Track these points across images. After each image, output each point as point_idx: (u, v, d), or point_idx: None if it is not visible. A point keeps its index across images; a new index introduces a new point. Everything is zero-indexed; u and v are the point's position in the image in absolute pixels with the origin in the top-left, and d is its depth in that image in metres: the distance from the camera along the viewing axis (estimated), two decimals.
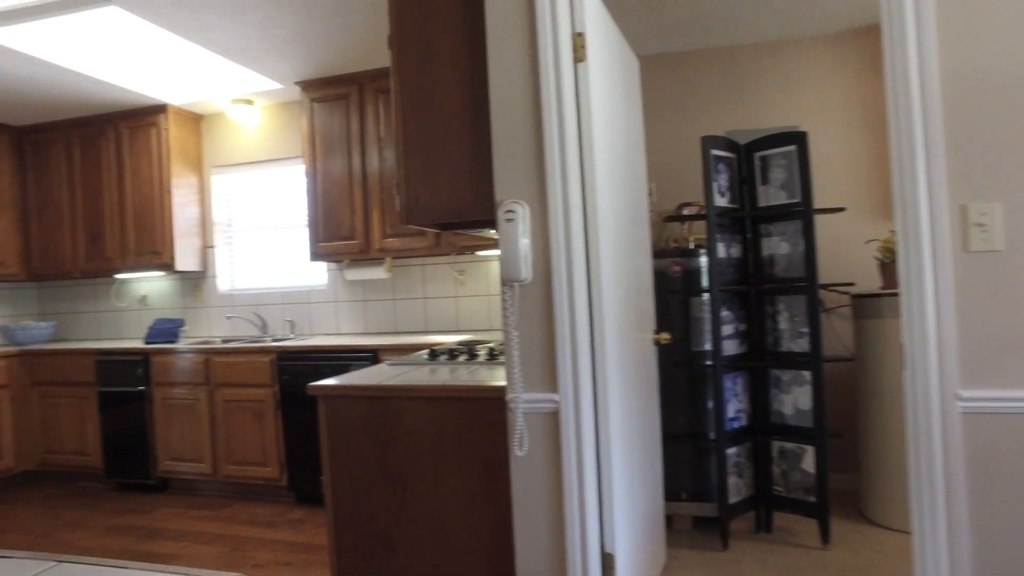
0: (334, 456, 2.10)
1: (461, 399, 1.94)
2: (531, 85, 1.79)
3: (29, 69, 3.69)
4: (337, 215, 4.00)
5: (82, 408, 4.31)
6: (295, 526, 3.43)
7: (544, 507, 1.80)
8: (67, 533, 3.50)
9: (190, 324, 4.81)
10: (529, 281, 1.79)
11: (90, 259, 4.65)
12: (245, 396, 3.88)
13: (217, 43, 3.41)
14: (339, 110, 3.98)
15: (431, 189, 1.95)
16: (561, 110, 1.76)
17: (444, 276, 4.18)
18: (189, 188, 4.59)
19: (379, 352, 3.60)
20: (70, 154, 4.70)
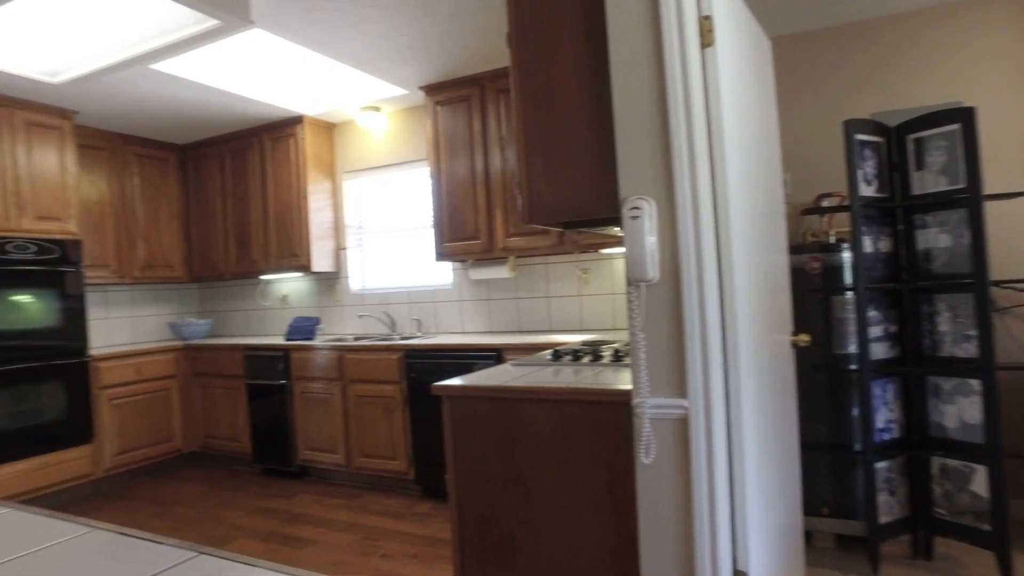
0: (458, 456, 2.12)
1: (585, 402, 1.89)
2: (655, 75, 1.70)
3: (190, 93, 4.06)
4: (461, 215, 4.07)
5: (234, 398, 4.70)
6: (421, 519, 3.53)
7: (672, 518, 1.71)
8: (223, 511, 3.82)
9: (325, 322, 5.10)
10: (656, 281, 1.70)
11: (239, 262, 5.06)
12: (375, 392, 4.05)
13: (346, 55, 3.58)
14: (461, 112, 4.05)
15: (553, 187, 1.91)
16: (688, 100, 1.66)
17: (568, 275, 4.14)
18: (323, 193, 4.87)
19: (503, 351, 3.62)
20: (223, 167, 5.13)
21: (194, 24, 2.95)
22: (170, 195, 5.26)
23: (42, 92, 3.97)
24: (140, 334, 5.32)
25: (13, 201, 4.02)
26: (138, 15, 2.94)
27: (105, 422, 4.37)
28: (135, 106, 4.29)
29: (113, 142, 4.87)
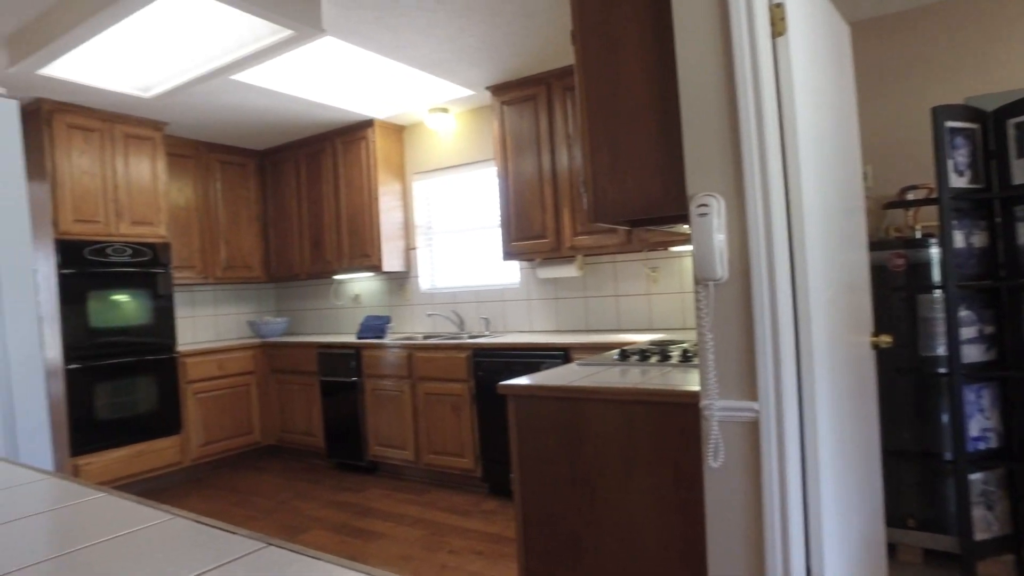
0: (523, 455, 2.13)
1: (652, 403, 1.85)
2: (723, 67, 1.65)
3: (267, 101, 4.24)
4: (528, 214, 4.08)
5: (308, 394, 4.87)
6: (487, 517, 3.56)
7: (741, 524, 1.65)
8: (299, 502, 3.97)
9: (396, 321, 5.22)
10: (725, 280, 1.65)
11: (313, 262, 5.24)
12: (444, 390, 4.11)
13: (414, 58, 3.64)
14: (528, 111, 4.05)
15: (618, 185, 1.88)
16: (758, 92, 1.60)
17: (636, 273, 4.08)
18: (393, 195, 4.98)
19: (570, 350, 3.60)
20: (298, 171, 5.33)
21: (270, 35, 3.07)
22: (249, 199, 5.50)
23: (137, 106, 4.23)
24: (222, 332, 5.59)
25: (112, 208, 4.30)
26: (219, 30, 3.09)
27: (191, 415, 4.61)
28: (218, 115, 4.51)
29: (198, 150, 5.14)
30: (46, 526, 0.91)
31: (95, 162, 4.24)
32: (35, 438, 1.82)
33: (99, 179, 4.25)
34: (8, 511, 0.98)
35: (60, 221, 4.06)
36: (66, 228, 4.08)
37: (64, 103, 4.11)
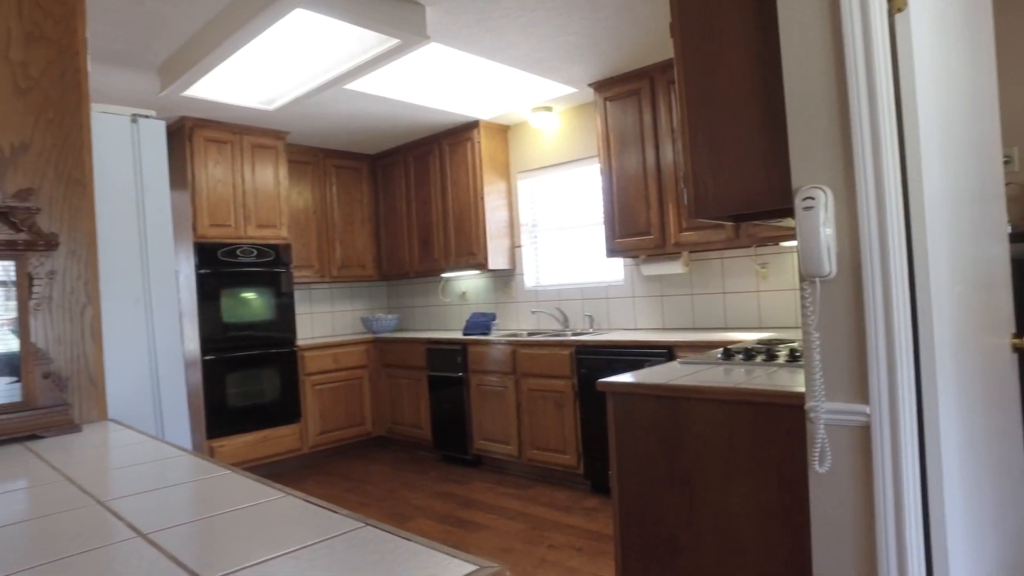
0: (621, 453, 2.11)
1: (753, 403, 1.79)
2: (832, 50, 1.56)
3: (378, 107, 4.45)
4: (632, 211, 4.03)
5: (417, 388, 5.06)
6: (589, 514, 3.55)
7: (851, 536, 1.56)
8: (406, 492, 4.15)
9: (501, 318, 5.31)
10: (833, 276, 1.57)
11: (422, 261, 5.44)
12: (547, 386, 4.14)
13: (515, 58, 3.69)
14: (631, 106, 4.00)
15: (720, 180, 1.83)
16: (871, 75, 1.50)
17: (745, 270, 3.93)
18: (498, 193, 5.07)
19: (674, 348, 3.53)
20: (407, 173, 5.55)
21: (378, 45, 3.23)
22: (362, 201, 5.79)
23: (262, 118, 4.57)
24: (337, 327, 5.93)
25: (241, 213, 4.67)
26: (332, 44, 3.27)
27: (309, 405, 4.93)
28: (333, 123, 4.79)
29: (316, 156, 5.48)
30: (185, 494, 1.02)
31: (227, 171, 4.62)
32: (177, 420, 2.03)
33: (230, 186, 4.63)
34: (157, 480, 1.11)
35: (198, 226, 4.46)
36: (203, 232, 4.48)
37: (202, 119, 4.51)
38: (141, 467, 1.21)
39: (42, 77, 1.78)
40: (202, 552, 0.77)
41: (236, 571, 0.71)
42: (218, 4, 2.94)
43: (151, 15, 3.00)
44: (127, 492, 1.04)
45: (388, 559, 0.73)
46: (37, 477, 1.18)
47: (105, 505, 0.98)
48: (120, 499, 1.01)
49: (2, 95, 1.71)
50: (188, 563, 0.74)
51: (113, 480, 1.13)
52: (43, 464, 1.28)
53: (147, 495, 1.02)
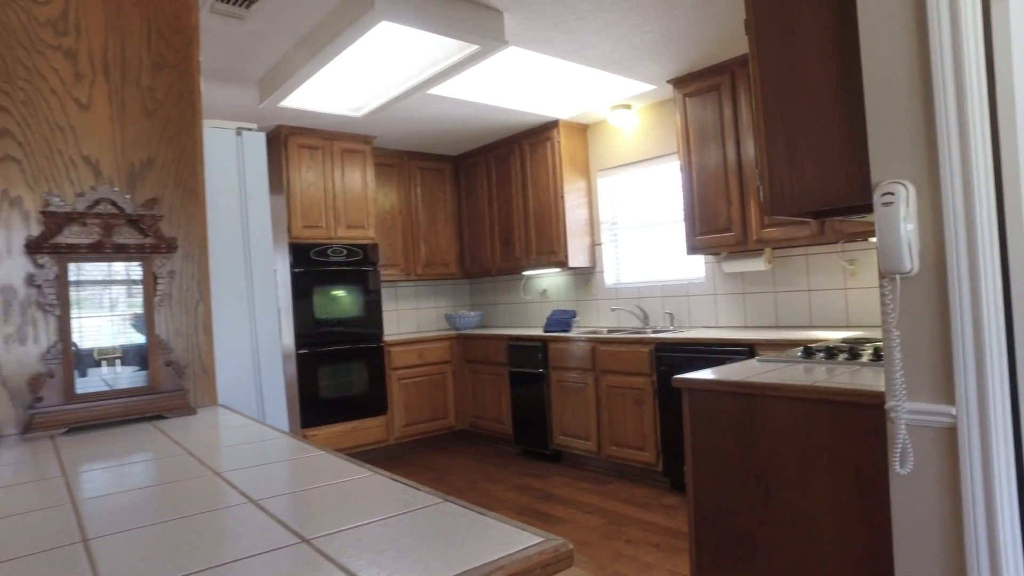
0: (696, 449, 2.13)
1: (831, 402, 1.77)
2: (915, 39, 1.52)
3: (460, 110, 4.59)
4: (713, 207, 3.98)
5: (498, 384, 5.18)
6: (667, 511, 3.55)
7: (936, 540, 1.52)
8: (487, 484, 4.27)
9: (581, 315, 5.36)
10: (915, 273, 1.53)
11: (503, 259, 5.55)
12: (626, 383, 4.16)
13: (593, 59, 3.73)
14: (711, 101, 3.95)
15: (796, 176, 1.81)
16: (959, 65, 1.46)
17: (831, 266, 3.81)
18: (578, 192, 5.11)
19: (755, 347, 3.47)
20: (488, 173, 5.68)
21: (458, 52, 3.34)
22: (445, 201, 5.98)
23: (350, 124, 4.81)
24: (422, 324, 6.15)
25: (331, 214, 4.94)
26: (415, 53, 3.42)
27: (395, 398, 5.15)
28: (417, 126, 4.97)
29: (401, 158, 5.70)
30: (286, 470, 1.14)
31: (318, 175, 4.90)
32: (276, 407, 2.21)
33: (321, 189, 4.90)
34: (262, 457, 1.24)
35: (293, 227, 4.75)
36: (297, 233, 4.76)
37: (296, 127, 4.80)
38: (248, 446, 1.35)
39: (165, 99, 1.99)
40: (303, 517, 0.88)
41: (333, 533, 0.81)
42: (310, 21, 3.14)
43: (251, 35, 3.24)
44: (237, 466, 1.18)
45: (463, 529, 0.81)
46: (164, 451, 1.35)
47: (220, 475, 1.12)
48: (232, 471, 1.14)
49: (134, 117, 1.93)
50: (292, 525, 0.85)
51: (225, 455, 1.28)
52: (168, 440, 1.46)
53: (254, 469, 1.15)
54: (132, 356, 1.78)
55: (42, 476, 1.19)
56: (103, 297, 1.76)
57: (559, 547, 0.75)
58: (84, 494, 1.05)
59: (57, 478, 1.17)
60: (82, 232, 1.71)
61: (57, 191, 1.72)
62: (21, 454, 1.39)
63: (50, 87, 1.74)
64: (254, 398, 2.15)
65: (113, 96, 1.89)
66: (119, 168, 1.88)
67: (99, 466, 1.25)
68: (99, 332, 1.74)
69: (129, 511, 0.94)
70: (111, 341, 1.75)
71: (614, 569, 2.84)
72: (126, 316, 1.80)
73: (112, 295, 1.77)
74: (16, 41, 1.70)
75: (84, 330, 1.71)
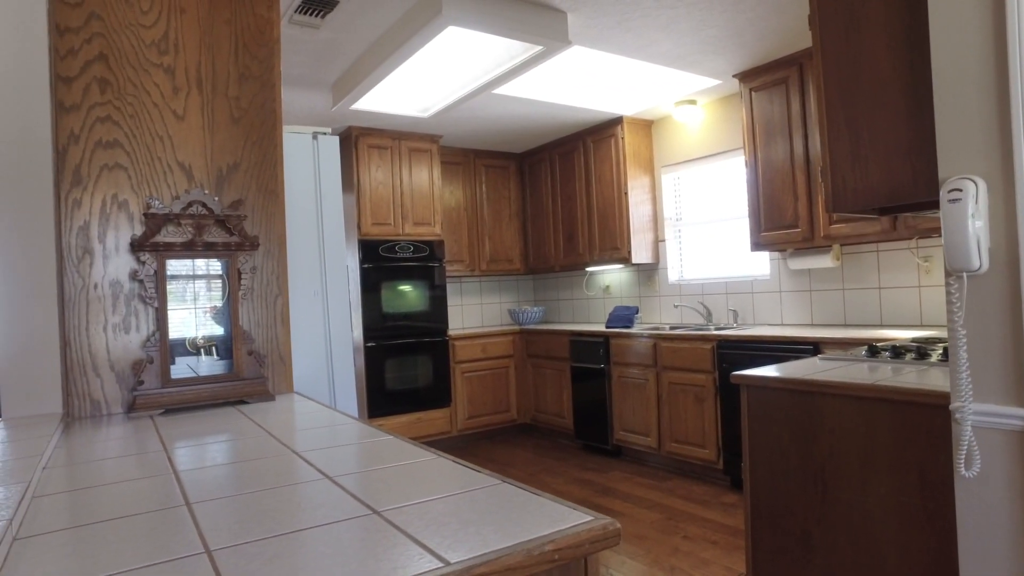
0: (754, 445, 2.13)
1: (893, 402, 1.74)
2: (990, 30, 1.49)
3: (524, 109, 4.66)
4: (779, 203, 3.91)
5: (559, 379, 5.24)
6: (727, 509, 3.53)
7: (1003, 546, 1.49)
8: (546, 477, 4.34)
9: (643, 311, 5.35)
10: (984, 271, 1.50)
11: (566, 255, 5.60)
12: (688, 380, 4.14)
13: (657, 55, 3.72)
14: (778, 95, 3.88)
15: (860, 172, 1.79)
16: None
17: (904, 263, 3.68)
18: (642, 188, 5.10)
19: (820, 345, 3.40)
20: (552, 170, 5.73)
21: (523, 52, 3.41)
22: (509, 198, 6.06)
23: (418, 124, 4.96)
24: (486, 319, 6.26)
25: (399, 211, 5.10)
26: (480, 54, 3.51)
27: (459, 391, 5.28)
28: (482, 125, 5.07)
29: (466, 157, 5.82)
30: (357, 451, 1.24)
31: (386, 174, 5.07)
32: (346, 396, 2.34)
33: (389, 188, 5.07)
34: (335, 439, 1.35)
35: (362, 224, 4.94)
36: (366, 230, 4.95)
37: (366, 128, 4.98)
38: (322, 429, 1.46)
39: (249, 108, 2.14)
40: (374, 492, 0.97)
41: (400, 507, 0.90)
42: (380, 28, 3.27)
43: (326, 43, 3.40)
44: (313, 447, 1.29)
45: (520, 506, 0.87)
46: (248, 432, 1.48)
47: (299, 454, 1.23)
48: (309, 451, 1.25)
49: (223, 125, 2.08)
50: (363, 499, 0.94)
51: (302, 437, 1.39)
52: (251, 423, 1.59)
53: (328, 450, 1.26)
54: (218, 346, 1.93)
55: (146, 450, 1.33)
56: (193, 291, 1.92)
57: (607, 526, 0.80)
58: (182, 466, 1.17)
59: (159, 452, 1.30)
60: (177, 231, 1.87)
61: (156, 195, 1.89)
62: (127, 430, 1.55)
63: (152, 101, 1.91)
64: (327, 387, 2.28)
65: (204, 107, 2.05)
66: (208, 172, 2.04)
67: (193, 443, 1.38)
68: (188, 323, 1.90)
69: (222, 481, 1.06)
70: (199, 331, 1.91)
71: (670, 564, 2.85)
72: (213, 309, 1.95)
73: (201, 289, 1.93)
74: (127, 62, 1.88)
75: (176, 321, 1.87)
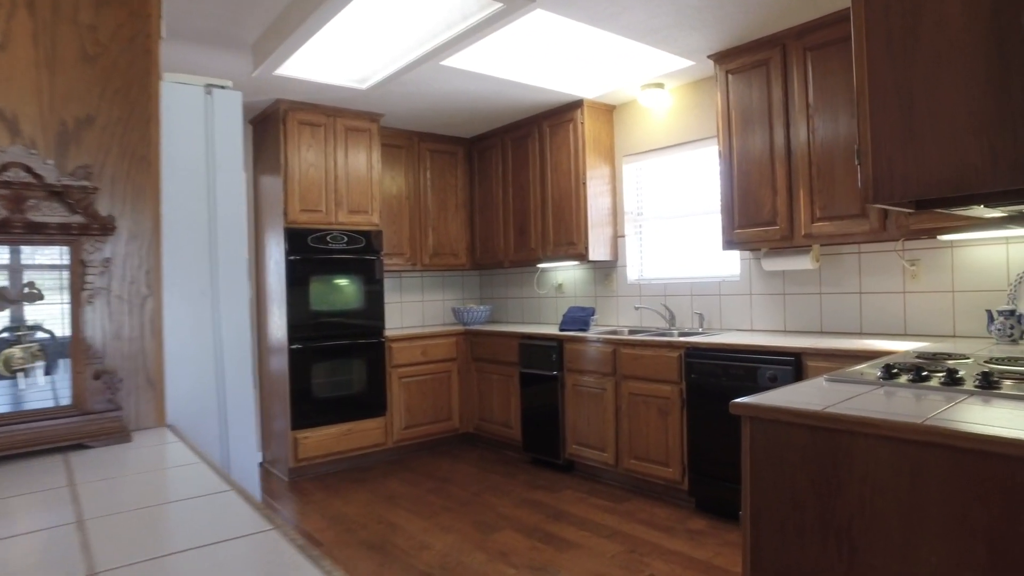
0: (758, 491, 1.72)
1: (953, 448, 1.35)
2: None
3: (475, 85, 4.18)
4: (755, 198, 3.56)
5: (507, 385, 4.79)
6: (694, 537, 3.16)
7: None
8: (492, 497, 3.88)
9: (600, 312, 4.95)
10: None
11: (517, 250, 5.14)
12: (650, 391, 3.76)
13: (629, 26, 3.30)
14: (758, 79, 3.52)
15: (913, 152, 1.40)
16: None
17: (889, 267, 3.38)
18: (601, 179, 4.69)
19: (803, 356, 3.06)
20: (504, 157, 5.26)
21: (478, 11, 2.93)
22: (456, 186, 5.56)
23: (356, 99, 4.41)
24: (428, 317, 5.75)
25: (332, 198, 4.54)
26: (429, 13, 3.01)
27: (395, 398, 4.76)
28: (428, 103, 4.56)
29: (410, 140, 5.29)
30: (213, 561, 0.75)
31: (319, 155, 4.50)
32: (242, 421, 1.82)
33: (322, 171, 4.50)
34: (184, 535, 0.85)
35: (289, 211, 4.36)
36: (294, 218, 4.37)
37: (296, 102, 4.39)
38: (175, 508, 0.96)
39: (111, 43, 1.59)
40: None
41: None
42: None
43: None
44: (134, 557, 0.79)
45: None
46: (44, 513, 0.96)
47: None
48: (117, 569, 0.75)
49: (69, 62, 1.53)
50: None
51: (129, 526, 0.88)
52: (66, 490, 1.06)
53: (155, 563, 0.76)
54: (53, 365, 1.39)
55: None
56: (13, 289, 1.37)
57: None
58: None
59: None
60: None
61: None
62: None
63: None
64: (216, 411, 1.76)
65: (40, 35, 1.50)
66: (45, 126, 1.49)
67: None
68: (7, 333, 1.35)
69: None
70: (23, 345, 1.36)
71: None
72: (48, 314, 1.41)
73: (28, 286, 1.38)
74: None
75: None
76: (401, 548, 3.18)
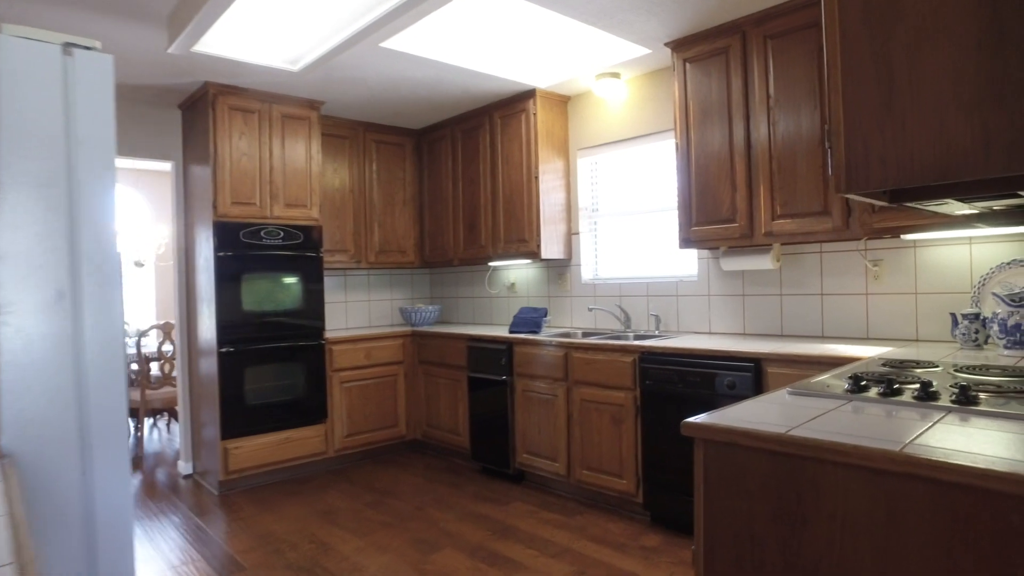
0: (712, 524, 1.51)
1: (938, 482, 1.15)
2: None
3: (421, 72, 3.91)
4: (714, 194, 3.37)
5: (455, 390, 4.53)
6: (649, 556, 2.95)
7: None
8: (436, 511, 3.62)
9: (553, 313, 4.73)
10: None
11: (467, 247, 4.89)
12: (603, 398, 3.54)
13: (584, 9, 3.06)
14: (717, 68, 3.33)
15: (893, 131, 1.19)
16: None
17: (851, 267, 3.23)
18: (555, 173, 4.47)
19: (763, 362, 2.88)
20: (454, 149, 5.00)
21: None
22: (404, 180, 5.28)
23: (294, 85, 4.09)
24: (374, 318, 5.45)
25: (267, 190, 4.22)
26: None
27: (337, 404, 4.47)
28: (372, 91, 4.27)
29: (354, 130, 4.98)
30: None
31: (253, 144, 4.17)
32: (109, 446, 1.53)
33: (255, 161, 4.18)
34: None
35: (219, 204, 4.02)
36: (224, 211, 4.04)
37: (227, 86, 4.06)
38: None
39: None
40: None
41: None
42: None
43: None
44: None
45: None
46: None
47: None
48: None
49: None
50: None
51: None
52: None
53: None
54: None
55: None
56: None
57: None
58: None
59: None
60: None
61: None
62: None
63: None
64: (75, 434, 1.47)
65: None
66: None
67: None
68: None
69: None
70: None
71: None
72: None
73: None
74: None
75: None
76: (330, 572, 2.90)
